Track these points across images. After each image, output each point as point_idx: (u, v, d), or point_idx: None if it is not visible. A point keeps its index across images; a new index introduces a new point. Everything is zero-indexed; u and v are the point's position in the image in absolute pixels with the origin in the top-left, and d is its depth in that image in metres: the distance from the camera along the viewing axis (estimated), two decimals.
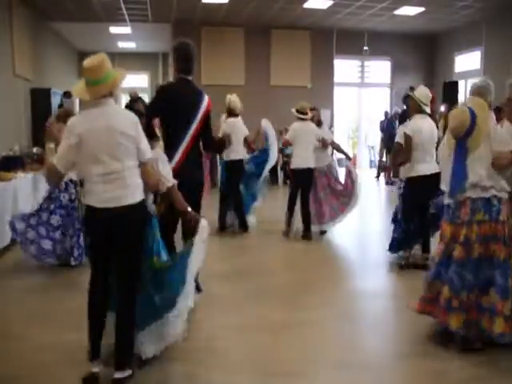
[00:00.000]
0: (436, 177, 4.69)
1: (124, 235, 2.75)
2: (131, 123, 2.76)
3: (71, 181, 5.03)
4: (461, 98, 11.74)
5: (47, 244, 4.90)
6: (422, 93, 4.84)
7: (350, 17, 11.44)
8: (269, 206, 7.60)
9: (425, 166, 4.76)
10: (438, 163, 4.82)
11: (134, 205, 2.74)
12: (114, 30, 12.56)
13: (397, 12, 10.84)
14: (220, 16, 11.36)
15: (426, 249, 5.00)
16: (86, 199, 2.77)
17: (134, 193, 2.75)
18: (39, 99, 10.02)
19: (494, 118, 3.57)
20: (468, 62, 12.33)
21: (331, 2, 10.18)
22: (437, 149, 4.83)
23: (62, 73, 13.37)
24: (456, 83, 11.54)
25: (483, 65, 11.62)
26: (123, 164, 2.70)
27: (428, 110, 4.81)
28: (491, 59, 11.27)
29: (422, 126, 4.77)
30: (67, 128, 2.72)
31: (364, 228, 7.58)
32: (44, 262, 4.97)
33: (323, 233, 6.56)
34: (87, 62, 2.71)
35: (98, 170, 2.67)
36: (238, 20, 11.76)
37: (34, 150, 8.27)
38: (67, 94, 11.52)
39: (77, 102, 13.98)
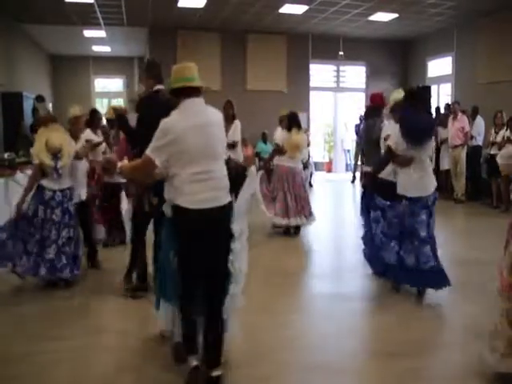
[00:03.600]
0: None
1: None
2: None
3: (69, 188, 4.71)
4: (434, 102, 12.00)
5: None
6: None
7: (326, 22, 11.56)
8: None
9: None
10: None
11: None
12: (88, 33, 12.39)
13: (371, 18, 11.00)
14: (196, 20, 11.33)
15: None
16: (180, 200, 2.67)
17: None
18: (11, 103, 9.80)
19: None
20: (440, 67, 12.60)
21: (307, 8, 10.26)
22: None
23: (35, 76, 13.12)
24: (429, 88, 11.78)
25: (455, 70, 11.89)
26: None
27: None
28: (462, 64, 11.54)
29: None
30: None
31: (339, 231, 7.64)
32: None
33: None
34: (181, 64, 2.90)
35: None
36: (214, 24, 11.76)
37: (6, 155, 8.07)
38: (40, 98, 11.31)
39: (50, 106, 13.75)
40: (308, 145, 6.96)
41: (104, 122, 6.40)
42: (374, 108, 5.64)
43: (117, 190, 6.16)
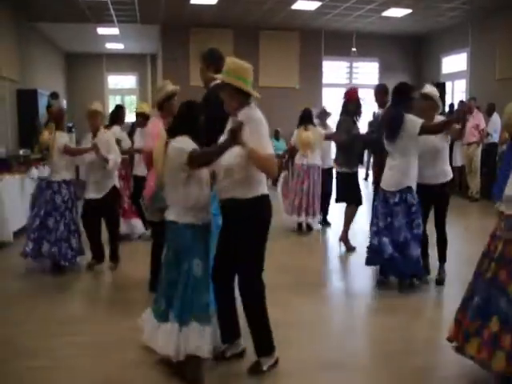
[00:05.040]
0: None
1: None
2: None
3: (64, 181, 4.96)
4: (448, 99, 11.87)
5: (45, 246, 4.83)
6: (435, 90, 4.44)
7: (338, 18, 11.49)
8: None
9: None
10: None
11: None
12: (101, 31, 12.46)
13: (384, 13, 10.91)
14: (208, 17, 11.34)
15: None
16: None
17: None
18: (26, 100, 9.91)
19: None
20: (455, 64, 12.46)
21: (319, 4, 10.21)
22: None
23: (49, 74, 13.25)
24: (443, 84, 11.65)
25: (470, 66, 11.75)
26: None
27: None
28: (477, 60, 11.39)
29: None
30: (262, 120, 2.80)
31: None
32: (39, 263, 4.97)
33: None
34: (248, 65, 2.93)
35: None
36: (227, 21, 11.75)
37: (21, 152, 8.18)
38: (54, 95, 11.43)
39: (64, 102, 13.88)
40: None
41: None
42: (347, 105, 5.70)
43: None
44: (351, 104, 5.68)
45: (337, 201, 6.17)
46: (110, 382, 2.91)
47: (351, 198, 5.84)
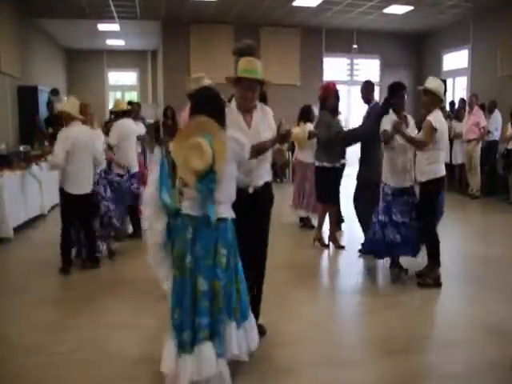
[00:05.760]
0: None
1: None
2: None
3: None
4: (449, 96, 11.84)
5: None
6: (438, 84, 4.37)
7: (339, 15, 11.46)
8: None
9: (442, 167, 4.46)
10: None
11: None
12: (102, 27, 12.44)
13: (386, 10, 10.88)
14: (209, 13, 11.31)
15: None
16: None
17: None
18: (26, 97, 9.91)
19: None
20: (456, 61, 12.42)
21: (320, 0, 10.18)
22: None
23: (50, 70, 13.24)
24: (444, 81, 11.61)
25: (471, 63, 11.72)
26: None
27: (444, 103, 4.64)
28: (479, 57, 11.36)
29: (445, 123, 4.47)
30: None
31: (351, 225, 7.60)
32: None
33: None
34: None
35: None
36: (227, 17, 11.73)
37: (21, 148, 8.19)
38: (55, 92, 11.42)
39: (64, 99, 13.84)
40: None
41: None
42: (324, 99, 5.73)
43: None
44: (328, 98, 5.68)
45: (318, 200, 6.08)
46: (110, 378, 2.91)
47: (328, 196, 5.73)
